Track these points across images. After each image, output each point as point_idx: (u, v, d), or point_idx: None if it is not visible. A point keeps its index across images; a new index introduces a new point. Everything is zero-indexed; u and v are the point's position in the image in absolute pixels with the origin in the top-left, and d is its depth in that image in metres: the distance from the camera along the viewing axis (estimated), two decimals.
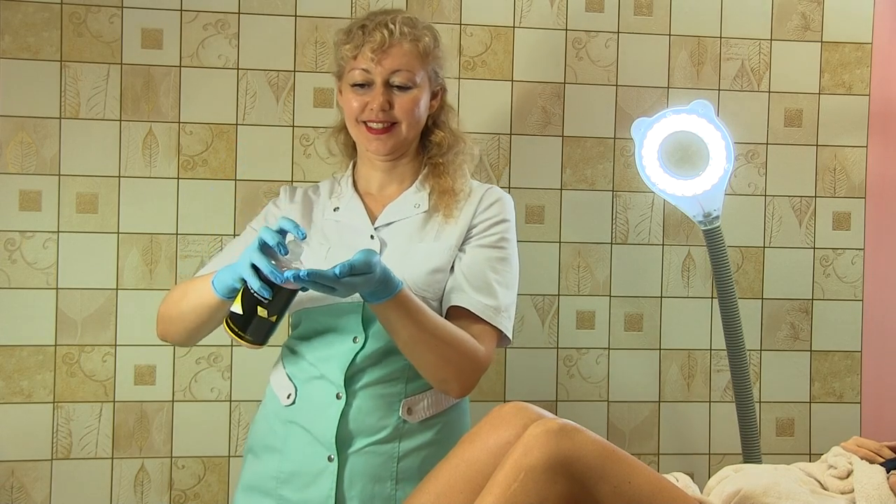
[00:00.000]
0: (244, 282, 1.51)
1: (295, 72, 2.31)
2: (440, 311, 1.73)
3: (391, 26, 1.73)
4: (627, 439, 2.41)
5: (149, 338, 1.81)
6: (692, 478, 1.79)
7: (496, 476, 1.44)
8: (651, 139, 2.14)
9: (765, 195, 2.46)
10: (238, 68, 2.28)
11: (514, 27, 2.37)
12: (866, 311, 2.49)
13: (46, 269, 2.22)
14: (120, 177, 2.25)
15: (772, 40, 2.46)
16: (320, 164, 2.29)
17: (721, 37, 2.44)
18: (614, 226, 2.41)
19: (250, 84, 2.29)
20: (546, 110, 2.39)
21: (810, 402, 2.48)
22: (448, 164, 1.82)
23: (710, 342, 2.44)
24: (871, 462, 1.74)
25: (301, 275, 1.44)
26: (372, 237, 1.76)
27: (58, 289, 2.22)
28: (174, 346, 2.18)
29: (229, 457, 2.29)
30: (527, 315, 2.38)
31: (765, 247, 2.46)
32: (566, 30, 2.39)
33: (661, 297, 2.43)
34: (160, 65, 2.26)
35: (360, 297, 1.62)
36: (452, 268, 1.75)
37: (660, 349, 2.43)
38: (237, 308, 1.51)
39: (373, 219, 1.79)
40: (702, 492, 1.76)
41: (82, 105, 2.23)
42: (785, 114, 2.46)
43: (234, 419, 2.29)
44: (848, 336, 2.49)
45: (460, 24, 2.35)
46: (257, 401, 1.84)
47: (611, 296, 2.41)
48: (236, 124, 2.29)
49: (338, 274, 1.45)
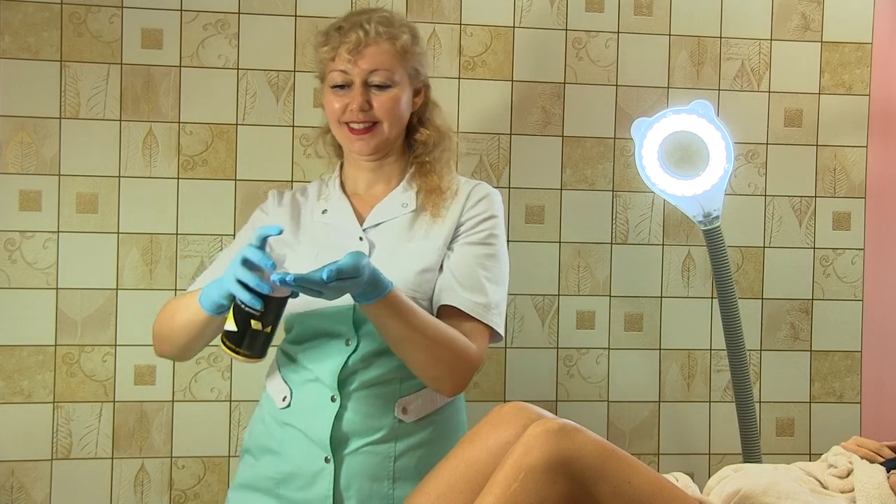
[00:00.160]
0: (233, 298, 1.51)
1: (295, 72, 2.31)
2: (431, 310, 1.72)
3: (366, 26, 1.72)
4: (627, 439, 2.41)
5: (149, 338, 1.81)
6: (692, 478, 1.79)
7: (496, 476, 1.44)
8: (651, 139, 2.14)
9: (765, 195, 2.46)
10: (238, 68, 2.28)
11: (514, 27, 2.37)
12: (866, 311, 2.49)
13: (46, 269, 2.22)
14: (120, 177, 2.25)
15: (772, 40, 2.46)
16: (320, 164, 2.28)
17: (721, 37, 2.44)
18: (614, 226, 2.41)
19: (250, 84, 2.29)
20: (546, 110, 2.39)
21: (810, 402, 2.48)
22: (434, 163, 1.81)
23: (710, 342, 2.44)
24: (872, 462, 1.74)
25: (288, 279, 1.42)
26: (361, 239, 1.76)
27: (58, 289, 2.22)
28: (174, 361, 2.18)
29: (229, 457, 2.29)
30: (527, 315, 2.38)
31: (765, 247, 2.46)
32: (566, 30, 2.39)
33: (661, 297, 2.43)
34: (160, 65, 2.26)
35: (350, 300, 1.62)
36: (441, 266, 1.74)
37: (660, 349, 2.43)
38: (231, 325, 1.50)
39: (361, 220, 1.79)
40: (702, 492, 1.76)
41: (82, 105, 2.23)
42: (785, 114, 2.46)
43: (233, 419, 2.29)
44: (848, 336, 2.49)
45: (460, 24, 2.35)
46: (257, 401, 1.84)
47: (611, 296, 2.41)
48: (236, 124, 2.29)
49: (325, 279, 1.44)
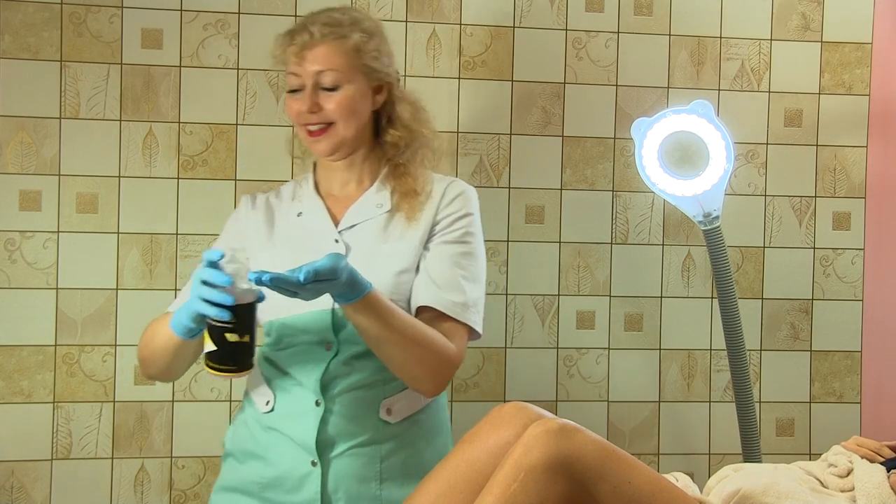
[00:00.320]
0: (202, 319, 1.49)
1: None
2: (409, 311, 1.71)
3: (311, 28, 1.71)
4: (627, 439, 2.41)
5: None
6: (692, 478, 1.80)
7: (496, 476, 1.44)
8: (651, 139, 2.14)
9: (765, 195, 2.46)
10: (238, 68, 2.28)
11: (514, 27, 2.37)
12: (866, 311, 2.49)
13: (46, 269, 2.22)
14: (120, 177, 2.25)
15: (772, 40, 2.46)
16: None
17: (721, 37, 2.44)
18: (614, 226, 2.41)
19: (250, 84, 2.29)
20: (546, 110, 2.39)
21: (810, 402, 2.48)
22: (408, 164, 1.79)
23: (710, 342, 2.44)
24: (872, 461, 1.75)
25: (264, 279, 1.41)
26: (336, 241, 1.74)
27: (58, 289, 2.22)
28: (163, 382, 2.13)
29: None
30: (527, 315, 2.38)
31: (765, 247, 2.46)
32: (566, 30, 2.39)
33: (661, 297, 2.43)
34: (160, 65, 2.26)
35: (328, 304, 1.62)
36: (418, 267, 1.73)
37: (660, 349, 2.43)
38: (209, 346, 1.48)
39: (336, 221, 1.78)
40: (702, 492, 1.76)
41: (82, 105, 2.23)
42: (785, 114, 2.46)
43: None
44: (848, 336, 2.49)
45: (460, 24, 2.35)
46: None
47: (611, 296, 2.41)
48: (236, 124, 2.29)
49: (302, 280, 1.43)
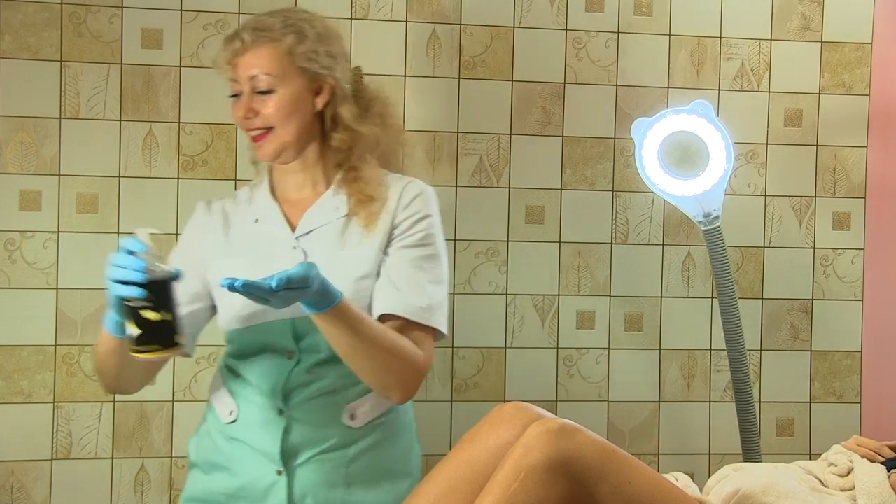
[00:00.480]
0: (121, 302, 1.44)
1: None
2: (370, 315, 1.69)
3: (243, 34, 1.69)
4: (627, 439, 2.41)
5: None
6: (692, 478, 1.80)
7: (496, 476, 1.44)
8: (651, 139, 2.14)
9: (765, 195, 2.46)
10: None
11: (514, 27, 2.37)
12: (866, 311, 2.49)
13: (46, 269, 2.22)
14: (120, 177, 2.25)
15: (772, 40, 2.46)
16: None
17: (721, 37, 2.44)
18: (614, 226, 2.41)
19: None
20: (546, 110, 2.39)
21: (810, 402, 2.48)
22: (360, 168, 1.75)
23: (710, 342, 2.44)
24: (872, 461, 1.75)
25: (237, 285, 1.40)
26: (294, 248, 1.72)
27: (58, 289, 2.22)
28: (120, 394, 2.05)
29: None
30: (527, 315, 2.38)
31: (765, 247, 2.46)
32: (566, 30, 2.39)
33: (661, 297, 2.43)
34: (160, 65, 2.26)
35: (290, 313, 1.60)
36: (379, 272, 1.71)
37: (660, 349, 2.43)
38: (131, 330, 1.45)
39: (293, 227, 1.75)
40: (702, 492, 1.76)
41: (82, 105, 2.23)
42: (785, 114, 2.46)
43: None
44: (848, 336, 2.49)
45: (460, 24, 2.35)
46: None
47: (611, 296, 2.41)
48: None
49: (274, 287, 1.41)
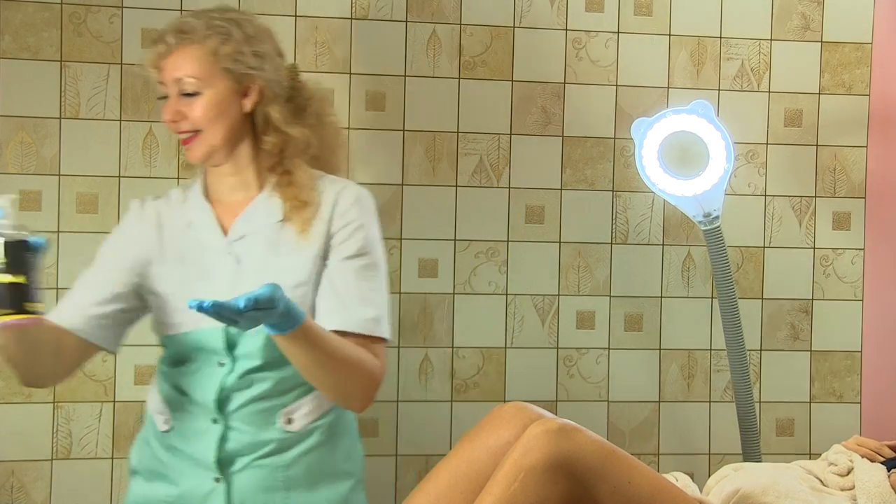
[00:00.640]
0: None
1: None
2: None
3: (166, 37, 1.68)
4: (627, 439, 2.41)
5: (148, 338, 1.81)
6: (692, 478, 1.80)
7: (496, 476, 1.44)
8: (651, 139, 2.14)
9: (765, 195, 2.46)
10: None
11: (514, 27, 2.37)
12: (866, 311, 2.49)
13: (47, 269, 2.22)
14: (120, 177, 2.25)
15: (772, 40, 2.46)
16: None
17: (721, 37, 2.44)
18: (614, 226, 2.41)
19: None
20: (546, 110, 2.39)
21: (810, 402, 2.48)
22: (293, 173, 1.72)
23: (710, 342, 2.44)
24: (872, 461, 1.75)
25: (205, 306, 1.40)
26: (228, 253, 1.70)
27: (58, 289, 2.22)
28: (40, 388, 1.99)
29: None
30: (527, 315, 2.38)
31: (765, 247, 2.46)
32: (566, 30, 2.39)
33: (661, 297, 2.43)
34: None
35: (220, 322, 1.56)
36: (320, 281, 1.69)
37: (660, 349, 2.43)
38: None
39: (225, 231, 1.72)
40: (701, 491, 1.76)
41: (82, 105, 2.23)
42: (785, 114, 2.46)
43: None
44: (848, 336, 2.49)
45: (460, 24, 2.35)
46: None
47: (611, 296, 2.41)
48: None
49: (242, 307, 1.41)
